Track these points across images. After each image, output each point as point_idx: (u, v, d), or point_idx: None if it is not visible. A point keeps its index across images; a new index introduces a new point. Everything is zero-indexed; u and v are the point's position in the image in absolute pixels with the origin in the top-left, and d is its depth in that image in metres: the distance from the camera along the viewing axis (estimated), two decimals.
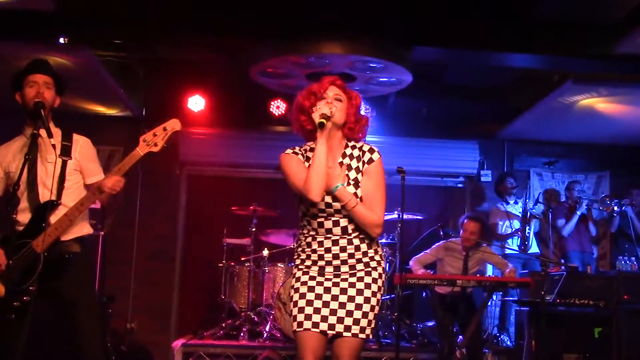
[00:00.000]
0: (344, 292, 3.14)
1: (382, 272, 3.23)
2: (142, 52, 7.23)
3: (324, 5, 5.97)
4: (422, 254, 6.50)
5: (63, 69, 5.93)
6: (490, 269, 7.01)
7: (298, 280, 3.22)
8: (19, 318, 3.45)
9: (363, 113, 3.39)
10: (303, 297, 3.16)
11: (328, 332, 3.11)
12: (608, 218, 7.79)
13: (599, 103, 6.99)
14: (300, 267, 3.25)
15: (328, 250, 3.17)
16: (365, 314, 3.13)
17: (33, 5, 5.67)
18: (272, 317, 6.54)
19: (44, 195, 3.62)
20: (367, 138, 3.38)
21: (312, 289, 3.17)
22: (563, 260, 7.29)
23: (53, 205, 3.61)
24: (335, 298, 3.14)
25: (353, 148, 3.27)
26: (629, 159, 8.35)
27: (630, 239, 7.43)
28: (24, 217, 3.62)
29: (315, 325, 3.11)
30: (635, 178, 8.13)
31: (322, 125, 3.08)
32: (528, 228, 7.57)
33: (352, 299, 3.13)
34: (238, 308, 6.95)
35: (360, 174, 3.21)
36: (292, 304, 3.21)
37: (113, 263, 7.06)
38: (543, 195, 8.02)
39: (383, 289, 3.25)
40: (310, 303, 3.14)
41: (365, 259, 3.19)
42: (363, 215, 3.13)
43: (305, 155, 3.28)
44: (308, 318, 3.12)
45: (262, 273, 6.92)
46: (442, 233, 7.03)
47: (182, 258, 8.18)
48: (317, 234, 3.20)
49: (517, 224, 7.56)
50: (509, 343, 6.92)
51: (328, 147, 3.13)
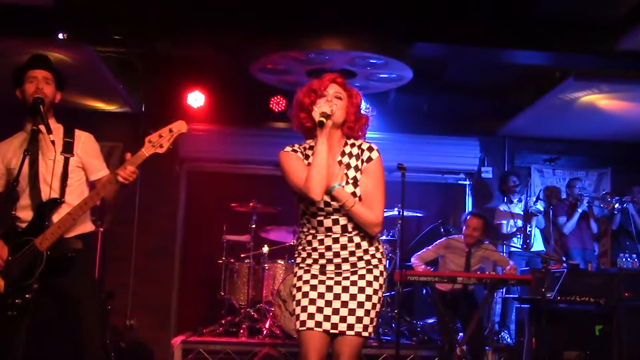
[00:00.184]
0: (346, 290, 3.13)
1: (383, 269, 3.22)
2: (141, 48, 7.23)
3: (324, 2, 5.96)
4: (424, 251, 6.47)
5: (62, 65, 5.90)
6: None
7: (300, 279, 3.20)
8: (20, 315, 3.43)
9: (363, 112, 3.35)
10: (305, 296, 3.15)
11: (331, 331, 3.09)
12: (609, 215, 7.77)
13: (601, 100, 6.96)
14: (302, 265, 3.22)
15: (329, 249, 3.15)
16: (367, 312, 3.11)
17: (33, 1, 5.66)
18: (271, 314, 6.53)
19: (46, 193, 3.60)
20: (367, 134, 3.34)
21: (314, 288, 3.15)
22: (564, 258, 7.27)
23: (56, 204, 3.59)
24: (337, 296, 3.12)
25: (352, 146, 3.24)
26: (630, 156, 8.33)
27: (632, 236, 7.41)
28: (25, 214, 3.60)
29: (318, 325, 3.09)
30: (637, 175, 8.11)
31: (322, 124, 3.05)
32: (529, 226, 7.55)
33: (353, 297, 3.12)
34: (238, 305, 6.95)
35: (359, 173, 3.18)
36: (294, 303, 3.19)
37: (112, 260, 7.08)
38: (544, 193, 8.00)
39: (384, 287, 3.23)
40: (313, 302, 3.12)
41: (366, 257, 3.17)
42: (361, 215, 3.11)
43: (305, 153, 3.25)
44: (311, 317, 3.10)
45: (261, 270, 6.91)
46: (442, 230, 7.02)
47: (181, 255, 8.16)
48: (317, 232, 3.18)
49: (521, 223, 7.54)
50: (510, 340, 6.90)
51: (328, 146, 3.11)
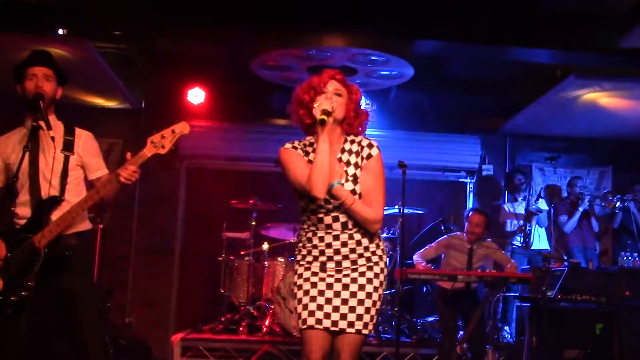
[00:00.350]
0: (346, 287, 3.11)
1: (383, 267, 3.20)
2: (141, 44, 7.20)
3: None
4: (426, 248, 6.42)
5: (62, 61, 5.79)
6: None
7: (300, 277, 3.19)
8: (17, 313, 3.41)
9: (363, 108, 3.31)
10: (306, 294, 3.13)
11: (332, 329, 3.08)
12: (610, 214, 7.75)
13: (602, 98, 6.94)
14: (302, 262, 3.21)
15: (329, 246, 3.14)
16: (368, 310, 3.10)
17: None
18: (271, 311, 6.51)
19: (46, 190, 3.58)
20: (368, 132, 3.32)
21: (314, 286, 3.13)
22: (565, 256, 7.25)
23: (56, 202, 3.57)
24: (338, 294, 3.10)
25: (352, 143, 3.21)
26: (632, 154, 8.30)
27: (633, 235, 7.38)
28: (24, 210, 3.58)
29: (319, 322, 3.08)
30: (638, 173, 8.08)
31: (323, 122, 3.02)
32: (529, 225, 7.53)
33: (354, 295, 3.10)
34: (237, 302, 6.93)
35: (359, 170, 3.15)
36: (295, 301, 3.18)
37: (112, 257, 7.06)
38: (544, 191, 7.98)
39: (384, 284, 3.21)
40: (314, 300, 3.11)
41: (367, 254, 3.15)
42: (360, 212, 3.08)
43: (305, 150, 3.23)
44: (312, 315, 3.09)
45: (261, 267, 6.89)
46: (443, 228, 6.99)
47: (181, 252, 8.14)
48: (317, 229, 3.16)
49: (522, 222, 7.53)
50: (510, 339, 6.88)
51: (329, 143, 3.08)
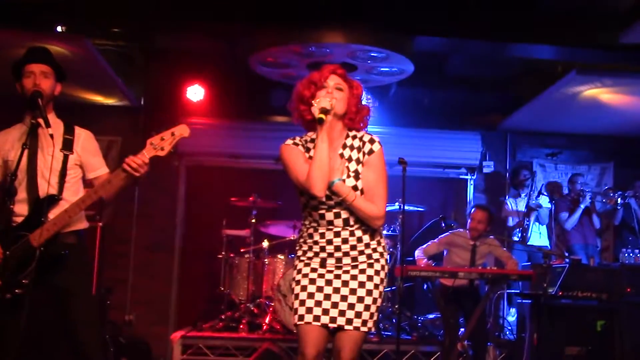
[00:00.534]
0: (346, 284, 3.09)
1: (384, 263, 3.18)
2: (140, 41, 7.18)
3: None
4: (429, 243, 6.37)
5: (60, 58, 5.75)
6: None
7: (299, 273, 3.17)
8: (12, 311, 3.39)
9: (365, 103, 3.29)
10: (304, 289, 3.11)
11: (330, 325, 3.06)
12: (611, 210, 7.72)
13: (603, 94, 6.91)
14: (302, 258, 3.19)
15: (330, 242, 3.12)
16: (368, 307, 3.08)
17: None
18: (272, 309, 6.50)
19: (43, 188, 3.55)
20: (368, 128, 3.29)
21: (313, 282, 3.11)
22: (566, 253, 7.23)
23: (54, 200, 3.55)
24: (337, 290, 3.09)
25: (353, 138, 3.19)
26: (633, 151, 8.27)
27: (634, 232, 7.36)
28: (22, 208, 3.56)
29: (317, 319, 3.06)
30: (639, 170, 8.06)
31: (321, 121, 3.00)
32: (527, 220, 7.51)
33: (354, 292, 3.08)
34: (237, 300, 6.91)
35: (361, 165, 3.14)
36: (293, 297, 3.16)
37: (112, 255, 7.03)
38: (546, 188, 7.95)
39: (385, 281, 3.19)
40: (312, 296, 3.09)
41: (368, 251, 3.14)
42: (362, 209, 3.07)
43: (306, 146, 3.21)
44: (309, 311, 3.07)
45: (261, 265, 6.87)
46: (443, 225, 6.97)
47: (181, 249, 8.12)
48: (318, 226, 3.14)
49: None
50: (511, 336, 6.86)
51: (329, 138, 3.06)
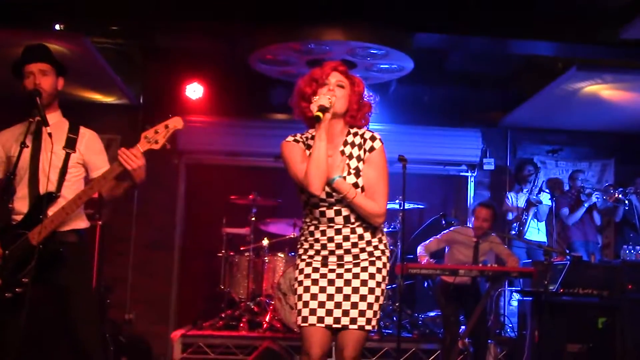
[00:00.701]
0: (348, 283, 3.08)
1: (386, 261, 3.17)
2: (139, 39, 7.16)
3: None
4: (431, 240, 6.31)
5: (59, 57, 5.72)
6: None
7: (301, 272, 3.15)
8: (13, 310, 3.38)
9: (366, 100, 3.25)
10: (307, 290, 3.10)
11: (333, 325, 3.05)
12: (613, 207, 7.70)
13: (604, 90, 6.90)
14: (303, 257, 3.17)
15: (331, 240, 3.10)
16: (370, 305, 3.07)
17: None
18: (272, 307, 6.48)
19: (44, 185, 3.55)
20: (369, 125, 3.28)
21: (315, 282, 3.10)
22: (567, 250, 7.20)
23: (52, 198, 3.54)
24: (340, 290, 3.07)
25: (354, 135, 3.18)
26: (634, 147, 8.25)
27: (635, 228, 7.34)
28: (22, 205, 3.55)
29: (321, 320, 3.05)
30: None
31: (318, 119, 2.97)
32: (526, 214, 7.48)
33: (356, 291, 3.07)
34: (238, 298, 6.90)
35: (362, 163, 3.12)
36: (296, 297, 3.14)
37: (111, 253, 7.01)
38: (546, 185, 7.93)
39: (387, 279, 3.18)
40: (315, 297, 3.08)
41: (369, 248, 3.12)
42: (363, 206, 3.05)
43: (307, 143, 3.19)
44: (313, 312, 3.06)
45: (261, 263, 6.86)
46: (444, 222, 6.94)
47: (180, 248, 8.10)
48: (319, 223, 3.13)
49: (522, 213, 7.49)
50: (512, 333, 6.85)
51: (329, 135, 3.04)
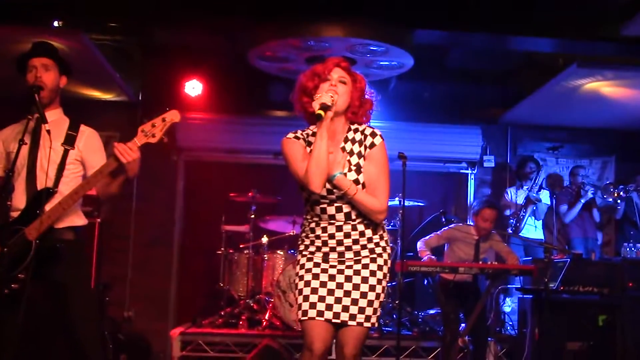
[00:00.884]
0: (349, 279, 3.08)
1: (387, 258, 3.18)
2: (138, 36, 7.12)
3: None
4: (431, 235, 6.26)
5: (57, 50, 5.82)
6: None
7: (302, 268, 3.15)
8: (10, 307, 3.37)
9: (368, 97, 3.24)
10: (307, 285, 3.09)
11: (333, 320, 3.05)
12: (613, 205, 7.68)
13: (605, 87, 6.88)
14: (304, 253, 3.17)
15: (332, 236, 3.10)
16: (371, 302, 3.07)
17: None
18: (271, 305, 6.46)
19: (42, 181, 3.54)
20: (369, 122, 3.27)
21: (316, 277, 3.09)
22: (566, 247, 7.19)
23: (49, 193, 3.53)
24: (340, 286, 3.07)
25: (355, 132, 3.17)
26: (635, 144, 8.23)
27: (636, 226, 7.33)
28: (19, 202, 3.55)
29: (320, 314, 3.04)
30: None
31: (319, 118, 2.95)
32: (524, 211, 7.46)
33: (357, 287, 3.07)
34: (237, 296, 6.88)
35: (362, 159, 3.11)
36: (296, 292, 3.14)
37: (110, 251, 6.99)
38: (546, 181, 7.90)
39: (388, 276, 3.17)
40: (315, 291, 3.07)
41: (370, 245, 3.13)
42: (364, 203, 3.05)
43: (307, 140, 3.18)
44: (313, 307, 3.05)
45: (261, 260, 6.84)
46: (444, 220, 6.91)
47: (180, 245, 8.08)
48: (320, 220, 3.12)
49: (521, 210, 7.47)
50: (512, 331, 6.83)
51: (330, 132, 3.03)
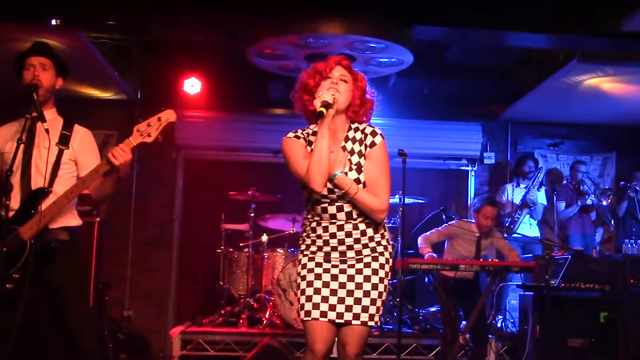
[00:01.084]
0: (351, 279, 3.06)
1: (389, 257, 3.16)
2: (136, 33, 7.11)
3: None
4: (432, 231, 6.24)
5: (55, 52, 5.79)
6: None
7: (304, 267, 3.13)
8: (4, 306, 3.36)
9: (369, 96, 3.23)
10: (310, 285, 3.07)
11: (337, 321, 3.03)
12: (615, 203, 7.65)
13: (605, 83, 6.87)
14: (306, 252, 3.15)
15: (333, 236, 3.08)
16: (374, 301, 3.05)
17: None
18: (271, 303, 6.44)
19: (36, 181, 3.54)
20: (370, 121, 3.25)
21: (318, 277, 3.08)
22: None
23: (44, 193, 3.52)
24: (343, 285, 3.05)
25: (356, 131, 3.15)
26: (636, 140, 8.23)
27: (638, 222, 7.32)
28: (14, 201, 3.52)
29: (324, 315, 3.03)
30: None
31: (320, 115, 2.93)
32: (519, 213, 7.43)
33: (359, 286, 3.05)
34: (237, 294, 6.87)
35: (363, 158, 3.09)
36: (299, 292, 3.12)
37: (109, 250, 6.95)
38: (546, 177, 7.88)
39: (390, 275, 3.16)
40: (318, 291, 3.06)
41: (372, 244, 3.12)
42: (365, 202, 3.03)
43: (308, 139, 3.16)
44: (316, 307, 3.04)
45: (261, 259, 6.82)
46: (444, 217, 6.90)
47: (179, 244, 8.07)
48: (321, 219, 3.10)
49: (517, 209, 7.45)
50: (513, 328, 6.82)
51: (331, 131, 3.02)
